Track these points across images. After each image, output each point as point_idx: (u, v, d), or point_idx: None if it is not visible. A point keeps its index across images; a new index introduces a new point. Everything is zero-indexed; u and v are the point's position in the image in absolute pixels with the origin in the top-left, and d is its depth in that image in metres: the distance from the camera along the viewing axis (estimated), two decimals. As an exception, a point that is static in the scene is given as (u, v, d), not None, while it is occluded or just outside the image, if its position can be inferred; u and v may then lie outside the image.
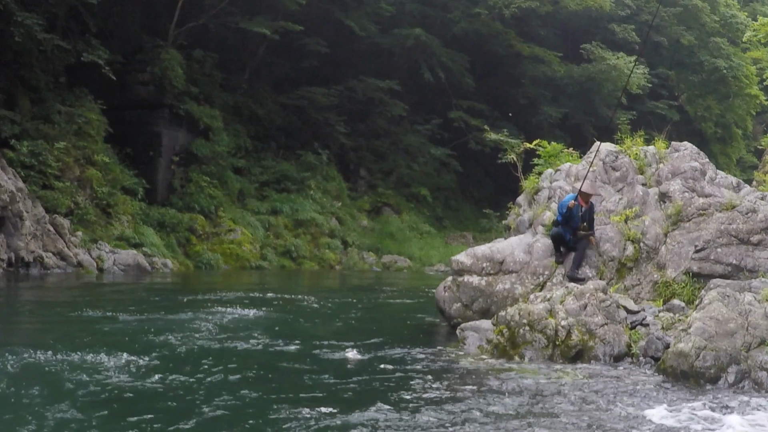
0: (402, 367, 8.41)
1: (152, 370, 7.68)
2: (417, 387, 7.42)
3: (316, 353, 9.14)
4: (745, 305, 8.33)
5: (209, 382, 7.31)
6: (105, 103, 23.79)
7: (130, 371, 7.58)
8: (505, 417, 6.37)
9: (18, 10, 20.30)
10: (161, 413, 6.19)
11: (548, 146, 14.97)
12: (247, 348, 9.31)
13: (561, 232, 11.13)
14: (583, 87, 38.61)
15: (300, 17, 30.29)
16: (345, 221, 31.14)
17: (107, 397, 6.64)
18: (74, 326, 10.62)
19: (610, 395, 7.20)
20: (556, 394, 7.23)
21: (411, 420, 6.22)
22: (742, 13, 43.19)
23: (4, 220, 18.49)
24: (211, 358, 8.37)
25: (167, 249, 23.75)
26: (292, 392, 7.12)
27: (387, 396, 6.99)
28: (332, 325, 12.03)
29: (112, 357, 8.13)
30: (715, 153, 41.98)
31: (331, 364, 8.58)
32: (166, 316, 11.64)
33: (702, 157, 12.59)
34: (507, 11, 35.34)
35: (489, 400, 6.93)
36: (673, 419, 6.41)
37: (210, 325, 10.79)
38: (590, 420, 6.34)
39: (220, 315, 11.92)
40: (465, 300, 11.40)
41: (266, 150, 31.44)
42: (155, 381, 7.22)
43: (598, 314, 9.13)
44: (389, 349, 9.62)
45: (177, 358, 8.44)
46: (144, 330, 10.15)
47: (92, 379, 7.16)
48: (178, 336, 9.70)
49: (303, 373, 8.01)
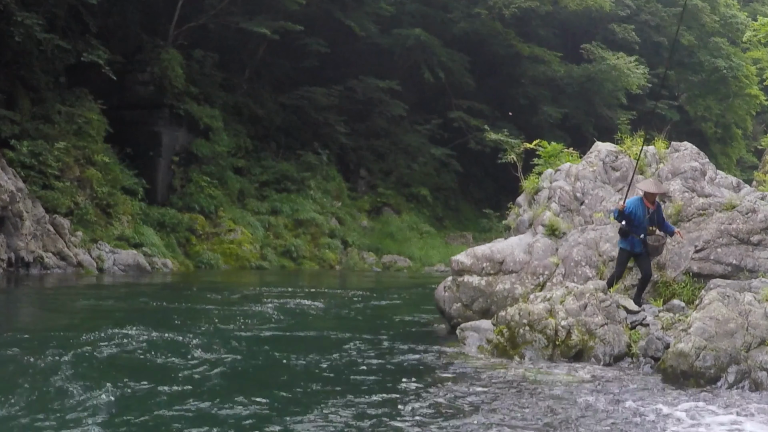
0: (402, 367, 8.41)
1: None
2: (417, 387, 7.42)
3: (313, 352, 9.14)
4: (745, 305, 8.33)
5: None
6: (105, 103, 23.76)
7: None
8: (504, 417, 6.37)
9: (18, 10, 20.29)
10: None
11: (548, 146, 14.97)
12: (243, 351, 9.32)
13: (632, 242, 10.04)
14: (583, 87, 38.59)
15: (300, 17, 30.27)
16: (345, 221, 31.13)
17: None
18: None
19: (610, 395, 7.20)
20: (556, 394, 7.23)
21: (411, 419, 6.22)
22: (742, 13, 43.16)
23: (4, 220, 18.49)
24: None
25: (167, 249, 23.74)
26: (292, 391, 7.12)
27: (386, 395, 6.99)
28: (332, 324, 12.03)
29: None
30: (715, 153, 41.96)
31: (329, 363, 8.58)
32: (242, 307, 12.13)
33: (702, 157, 12.59)
34: (507, 11, 35.31)
35: (489, 400, 6.93)
36: (673, 419, 6.41)
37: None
38: (590, 420, 6.34)
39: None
40: (465, 300, 11.40)
41: (266, 150, 31.42)
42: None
43: (598, 314, 9.13)
44: (389, 348, 9.62)
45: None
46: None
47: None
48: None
49: (299, 371, 8.01)
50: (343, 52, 34.43)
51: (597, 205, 11.92)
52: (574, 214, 12.18)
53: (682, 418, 6.43)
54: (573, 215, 12.18)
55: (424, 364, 8.70)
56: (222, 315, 12.20)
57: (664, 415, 6.49)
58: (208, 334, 10.08)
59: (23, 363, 7.94)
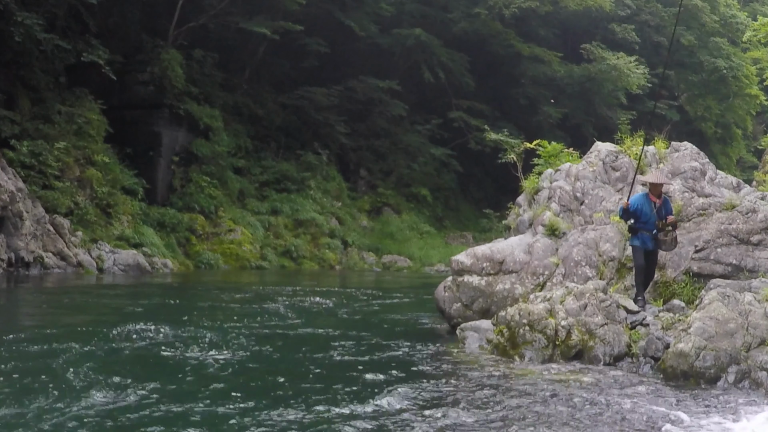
0: (402, 367, 8.41)
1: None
2: (416, 387, 7.42)
3: (312, 351, 9.14)
4: (745, 305, 8.33)
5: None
6: (105, 103, 23.77)
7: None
8: (504, 417, 6.37)
9: (18, 10, 20.29)
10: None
11: (548, 146, 14.97)
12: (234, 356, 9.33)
13: (642, 239, 9.79)
14: (583, 87, 38.60)
15: (300, 17, 30.27)
16: (345, 221, 31.13)
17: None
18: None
19: (610, 395, 7.20)
20: (555, 394, 7.23)
21: (410, 419, 6.22)
22: (742, 13, 43.17)
23: (4, 220, 18.49)
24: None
25: (167, 249, 23.75)
26: (290, 389, 7.13)
27: (386, 395, 6.99)
28: (331, 324, 12.02)
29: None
30: (715, 153, 41.95)
31: (328, 362, 8.58)
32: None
33: (702, 157, 12.60)
34: (507, 11, 35.31)
35: (488, 400, 6.93)
36: (672, 419, 6.41)
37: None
38: (590, 420, 6.34)
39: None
40: (465, 300, 11.40)
41: (266, 150, 31.43)
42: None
43: (598, 314, 9.13)
44: (389, 348, 9.62)
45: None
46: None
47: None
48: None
49: (296, 370, 8.01)
50: (343, 52, 34.43)
51: (597, 205, 11.92)
52: (574, 214, 12.19)
53: (682, 418, 6.43)
54: (573, 215, 12.18)
55: (424, 363, 8.69)
56: (228, 313, 12.22)
57: (664, 415, 6.49)
58: (219, 331, 10.14)
59: (39, 359, 8.02)
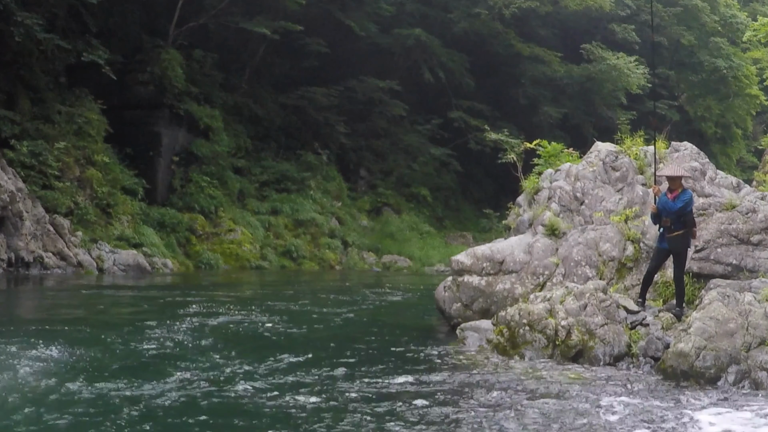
0: (402, 367, 8.41)
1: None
2: (417, 386, 7.42)
3: (312, 351, 9.14)
4: (745, 305, 8.34)
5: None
6: (105, 103, 23.74)
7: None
8: (504, 417, 6.37)
9: (18, 10, 20.26)
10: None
11: (548, 146, 14.97)
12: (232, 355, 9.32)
13: (659, 238, 9.47)
14: (583, 87, 38.58)
15: (300, 17, 30.26)
16: (345, 221, 31.12)
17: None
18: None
19: (610, 395, 7.20)
20: (555, 394, 7.23)
21: (409, 419, 6.22)
22: (742, 13, 43.15)
23: (4, 220, 18.48)
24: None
25: (167, 249, 23.73)
26: (285, 387, 7.13)
27: (385, 394, 6.99)
28: (331, 324, 12.02)
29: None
30: (715, 153, 41.95)
31: (327, 361, 8.57)
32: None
33: (702, 157, 12.60)
34: (507, 11, 35.30)
35: (488, 400, 6.93)
36: (672, 419, 6.41)
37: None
38: (590, 420, 6.34)
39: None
40: (465, 300, 11.40)
41: (266, 150, 31.41)
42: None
43: (598, 314, 9.13)
44: (389, 348, 9.62)
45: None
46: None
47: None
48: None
49: (295, 369, 8.01)
50: (343, 52, 34.41)
51: (597, 205, 11.92)
52: (574, 214, 12.19)
53: (682, 418, 6.43)
54: (573, 215, 12.18)
55: (424, 363, 8.69)
56: (231, 312, 12.21)
57: (664, 415, 6.49)
58: (226, 328, 10.12)
59: (49, 357, 8.08)
